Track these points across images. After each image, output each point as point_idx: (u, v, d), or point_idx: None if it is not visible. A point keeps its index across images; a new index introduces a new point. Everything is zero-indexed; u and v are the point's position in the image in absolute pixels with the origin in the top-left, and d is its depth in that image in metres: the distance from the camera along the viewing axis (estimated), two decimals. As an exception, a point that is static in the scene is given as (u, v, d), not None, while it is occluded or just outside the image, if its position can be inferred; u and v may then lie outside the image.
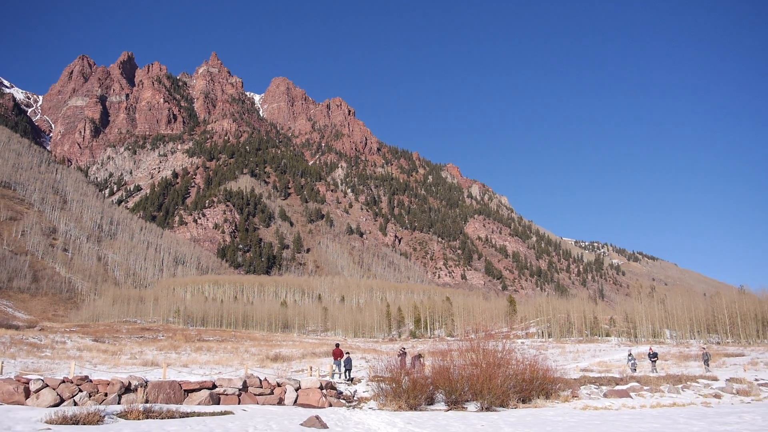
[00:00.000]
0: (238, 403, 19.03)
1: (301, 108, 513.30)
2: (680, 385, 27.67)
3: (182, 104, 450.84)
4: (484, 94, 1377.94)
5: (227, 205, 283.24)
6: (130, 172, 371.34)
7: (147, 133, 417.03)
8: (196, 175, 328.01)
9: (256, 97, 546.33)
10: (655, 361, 38.11)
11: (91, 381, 17.80)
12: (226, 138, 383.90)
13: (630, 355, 39.29)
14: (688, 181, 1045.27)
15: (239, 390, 19.46)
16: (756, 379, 32.06)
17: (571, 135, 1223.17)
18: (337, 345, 32.37)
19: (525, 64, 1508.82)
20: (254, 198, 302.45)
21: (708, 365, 38.30)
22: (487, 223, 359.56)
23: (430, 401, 21.29)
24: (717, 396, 25.69)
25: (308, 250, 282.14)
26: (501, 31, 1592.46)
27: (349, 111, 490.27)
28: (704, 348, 45.35)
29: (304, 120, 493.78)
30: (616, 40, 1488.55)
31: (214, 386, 19.30)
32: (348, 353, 32.82)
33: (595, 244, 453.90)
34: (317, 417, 14.99)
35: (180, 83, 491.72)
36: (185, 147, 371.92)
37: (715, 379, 31.30)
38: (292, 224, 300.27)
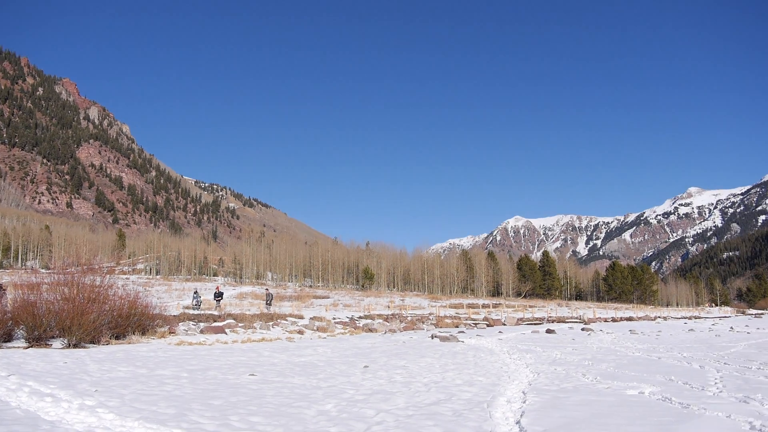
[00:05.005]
0: None
1: None
2: (271, 323, 30.37)
3: None
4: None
5: None
6: None
7: None
8: None
9: None
10: (219, 300, 39.94)
11: None
12: None
13: (196, 292, 41.26)
14: (307, 138, 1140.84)
15: None
16: (334, 318, 37.24)
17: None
18: None
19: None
20: None
21: (270, 305, 42.25)
22: (103, 150, 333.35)
23: (8, 338, 19.14)
24: (301, 332, 28.98)
25: None
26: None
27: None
28: (267, 289, 50.49)
29: None
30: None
31: None
32: None
33: (215, 186, 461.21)
34: None
35: None
36: None
37: (302, 317, 35.28)
38: None
